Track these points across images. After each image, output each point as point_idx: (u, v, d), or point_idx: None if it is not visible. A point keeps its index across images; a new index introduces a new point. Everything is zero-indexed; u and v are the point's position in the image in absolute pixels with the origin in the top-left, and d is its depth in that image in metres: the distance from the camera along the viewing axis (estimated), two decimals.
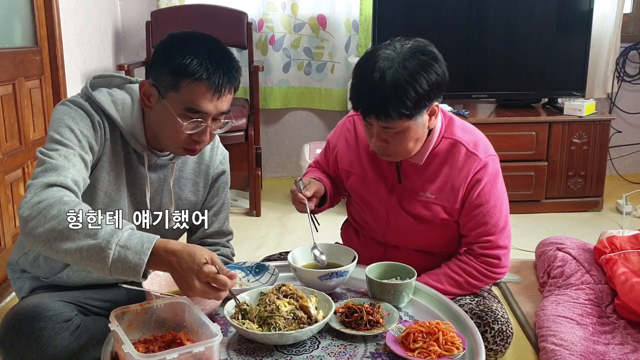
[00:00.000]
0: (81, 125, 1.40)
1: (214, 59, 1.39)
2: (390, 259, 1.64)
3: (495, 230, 1.68)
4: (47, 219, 1.20)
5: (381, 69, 1.47)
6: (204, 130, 1.43)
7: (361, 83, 1.52)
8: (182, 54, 1.38)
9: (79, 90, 1.50)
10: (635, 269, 2.18)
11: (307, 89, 3.95)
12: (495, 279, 1.74)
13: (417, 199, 1.70)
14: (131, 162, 1.52)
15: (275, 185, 4.01)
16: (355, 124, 1.81)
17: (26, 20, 2.74)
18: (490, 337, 1.60)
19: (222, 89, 1.40)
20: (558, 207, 3.48)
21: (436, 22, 3.52)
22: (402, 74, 1.46)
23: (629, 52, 4.02)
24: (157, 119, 1.45)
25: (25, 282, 1.59)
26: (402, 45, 1.51)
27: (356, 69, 1.55)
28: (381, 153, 1.61)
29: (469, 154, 1.65)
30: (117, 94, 1.51)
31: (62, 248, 1.19)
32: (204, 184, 1.68)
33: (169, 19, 3.56)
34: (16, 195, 2.53)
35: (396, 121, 1.50)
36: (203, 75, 1.37)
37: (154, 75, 1.43)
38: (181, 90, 1.39)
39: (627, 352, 1.87)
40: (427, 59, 1.50)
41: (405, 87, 1.46)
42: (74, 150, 1.35)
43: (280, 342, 1.29)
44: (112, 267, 1.19)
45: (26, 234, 1.23)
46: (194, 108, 1.40)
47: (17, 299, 1.64)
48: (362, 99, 1.52)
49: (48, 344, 1.38)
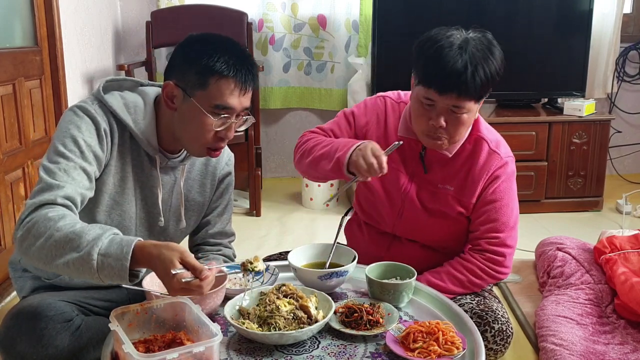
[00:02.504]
0: (86, 134, 1.41)
1: (237, 57, 1.45)
2: (394, 254, 1.65)
3: (505, 228, 1.71)
4: (36, 238, 1.25)
5: (462, 48, 1.52)
6: (230, 126, 1.48)
7: (442, 59, 1.52)
8: (207, 53, 1.42)
9: (89, 93, 1.51)
10: (635, 269, 2.18)
11: (307, 89, 3.95)
12: (497, 279, 1.75)
13: (436, 191, 1.72)
14: (142, 165, 1.54)
15: (275, 185, 4.01)
16: (387, 107, 1.79)
17: (26, 20, 2.74)
18: (490, 336, 1.60)
19: (246, 85, 1.46)
20: (558, 207, 3.48)
21: (436, 22, 3.44)
22: (479, 55, 1.52)
23: (629, 52, 4.03)
24: (183, 119, 1.47)
25: (26, 281, 1.60)
26: (467, 31, 1.57)
27: (430, 47, 1.56)
28: (435, 136, 1.61)
29: (491, 151, 1.70)
30: (129, 96, 1.52)
31: (54, 264, 1.25)
32: (210, 185, 1.70)
33: (169, 19, 3.56)
34: (16, 195, 2.53)
35: (468, 101, 1.55)
36: (230, 72, 1.42)
37: (178, 76, 1.46)
38: (209, 88, 1.43)
39: (627, 352, 1.87)
40: (495, 46, 1.57)
41: (485, 68, 1.52)
42: (75, 162, 1.38)
43: (280, 342, 1.29)
44: (100, 275, 1.23)
45: (22, 254, 1.30)
46: (222, 104, 1.44)
47: (18, 298, 1.64)
48: (444, 75, 1.52)
49: (49, 344, 1.38)
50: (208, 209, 1.72)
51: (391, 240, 1.82)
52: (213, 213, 1.73)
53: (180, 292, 1.22)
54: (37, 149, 2.72)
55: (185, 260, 1.23)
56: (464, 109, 1.56)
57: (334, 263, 1.59)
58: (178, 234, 1.69)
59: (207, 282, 1.24)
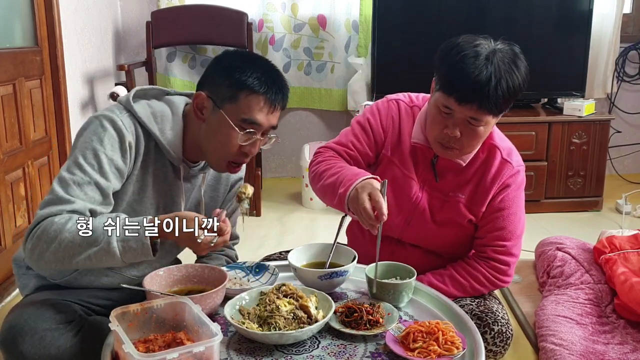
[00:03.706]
0: (108, 148, 1.43)
1: (270, 76, 1.49)
2: (397, 258, 1.64)
3: (512, 237, 1.70)
4: (48, 243, 1.33)
5: (488, 59, 1.49)
6: (255, 142, 1.51)
7: (466, 69, 1.48)
8: (241, 68, 1.46)
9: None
10: (634, 269, 2.18)
11: (307, 89, 3.95)
12: (499, 287, 1.75)
13: (447, 199, 1.70)
14: (165, 175, 1.56)
15: (275, 185, 4.01)
16: (400, 111, 1.75)
17: (26, 20, 2.74)
18: (490, 338, 1.59)
19: (275, 103, 1.50)
20: (558, 207, 3.48)
21: (436, 22, 3.52)
22: (505, 69, 1.50)
23: (629, 52, 4.03)
24: (210, 130, 1.50)
25: (30, 279, 1.60)
26: (494, 41, 1.54)
27: (455, 54, 1.51)
28: (448, 145, 1.59)
29: (504, 160, 1.68)
30: (156, 105, 1.54)
31: (73, 262, 1.34)
32: (223, 189, 1.73)
33: (169, 19, 3.56)
34: (16, 195, 2.53)
35: (487, 114, 1.52)
36: (261, 89, 1.46)
37: (210, 88, 1.49)
38: (239, 102, 1.46)
39: (626, 351, 1.87)
40: (521, 60, 1.55)
41: (509, 81, 1.49)
42: (90, 177, 1.40)
43: (280, 342, 1.29)
44: (124, 260, 1.34)
45: (35, 261, 1.38)
46: (250, 119, 1.47)
47: (20, 296, 1.64)
48: (466, 85, 1.49)
49: (51, 345, 1.38)
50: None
51: (395, 244, 1.81)
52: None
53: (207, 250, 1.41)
54: (37, 149, 2.72)
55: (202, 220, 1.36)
56: (482, 121, 1.53)
57: (334, 263, 1.59)
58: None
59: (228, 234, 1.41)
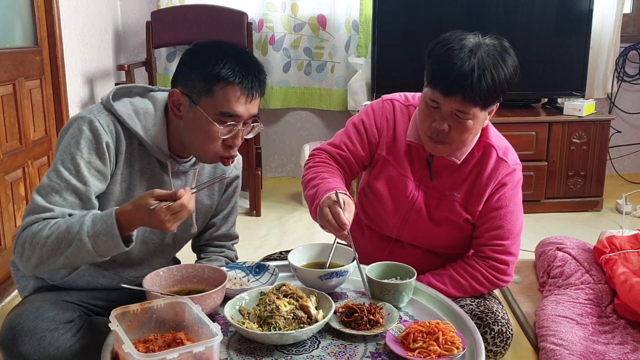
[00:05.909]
0: (84, 152, 1.42)
1: (244, 64, 1.44)
2: (396, 258, 1.64)
3: (509, 236, 1.70)
4: (32, 250, 1.36)
5: (472, 52, 1.50)
6: (237, 134, 1.47)
7: (450, 61, 1.50)
8: (213, 60, 1.41)
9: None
10: (635, 269, 2.18)
11: (307, 89, 3.95)
12: (499, 286, 1.75)
13: (443, 197, 1.71)
14: (152, 172, 1.54)
15: (275, 185, 4.01)
16: (395, 111, 1.76)
17: (26, 20, 2.74)
18: (490, 338, 1.59)
19: (253, 92, 1.45)
20: (558, 207, 3.48)
21: (436, 22, 3.52)
22: (489, 61, 1.50)
23: (629, 52, 4.03)
24: (189, 127, 1.47)
25: (29, 281, 1.60)
26: (482, 36, 1.55)
27: (441, 48, 1.53)
28: (437, 139, 1.59)
29: (500, 159, 1.68)
30: (138, 102, 1.51)
31: (56, 264, 1.37)
32: (219, 188, 1.70)
33: (169, 19, 3.56)
34: (16, 195, 2.53)
35: (473, 106, 1.52)
36: (236, 79, 1.41)
37: (184, 83, 1.45)
38: (215, 96, 1.42)
39: (626, 351, 1.87)
40: (509, 54, 1.56)
41: (493, 73, 1.50)
42: (68, 182, 1.40)
43: (280, 342, 1.29)
44: (100, 254, 1.34)
45: (25, 267, 1.41)
46: (228, 111, 1.43)
47: (19, 297, 1.64)
48: (449, 76, 1.50)
49: (50, 345, 1.38)
50: (215, 212, 1.72)
51: (393, 244, 1.81)
52: (219, 215, 1.73)
53: (171, 221, 1.31)
54: (37, 149, 2.72)
55: (157, 195, 1.31)
56: (469, 114, 1.54)
57: (334, 263, 1.59)
58: (187, 237, 1.70)
59: (186, 198, 1.31)
